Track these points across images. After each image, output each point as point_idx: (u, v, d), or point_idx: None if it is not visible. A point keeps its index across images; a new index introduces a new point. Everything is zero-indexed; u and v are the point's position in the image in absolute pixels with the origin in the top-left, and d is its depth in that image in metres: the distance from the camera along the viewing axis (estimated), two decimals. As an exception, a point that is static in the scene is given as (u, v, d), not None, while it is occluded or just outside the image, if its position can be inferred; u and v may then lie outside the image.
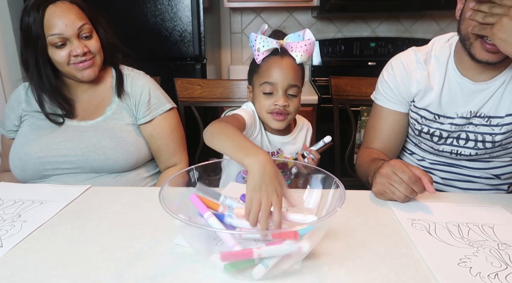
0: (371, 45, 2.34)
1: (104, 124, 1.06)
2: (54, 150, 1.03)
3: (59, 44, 0.98)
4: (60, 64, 1.01)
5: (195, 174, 0.70)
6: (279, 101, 0.95)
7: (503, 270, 0.57)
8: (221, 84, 1.40)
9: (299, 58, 0.95)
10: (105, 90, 1.11)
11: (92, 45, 1.02)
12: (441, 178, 1.04)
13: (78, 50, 0.98)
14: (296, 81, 0.97)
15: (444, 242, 0.65)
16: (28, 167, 1.03)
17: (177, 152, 1.14)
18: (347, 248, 0.63)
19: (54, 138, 1.04)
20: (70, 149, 1.03)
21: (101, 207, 0.79)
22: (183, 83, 1.40)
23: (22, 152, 1.03)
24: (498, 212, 0.77)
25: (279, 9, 2.35)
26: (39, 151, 1.03)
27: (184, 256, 0.62)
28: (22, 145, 1.05)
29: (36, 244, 0.66)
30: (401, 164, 0.77)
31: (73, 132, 1.05)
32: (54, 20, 0.96)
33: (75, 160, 1.02)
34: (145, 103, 1.10)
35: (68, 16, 0.97)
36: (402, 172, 0.75)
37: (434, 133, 0.98)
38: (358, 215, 0.75)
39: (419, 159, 1.07)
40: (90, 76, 1.04)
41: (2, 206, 0.80)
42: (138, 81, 1.12)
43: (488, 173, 1.00)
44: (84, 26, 1.00)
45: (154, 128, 1.10)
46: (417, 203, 0.80)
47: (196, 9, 1.72)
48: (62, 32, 0.97)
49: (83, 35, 1.00)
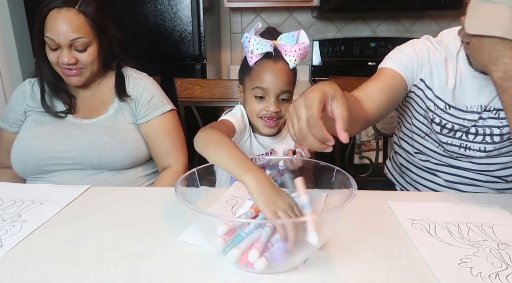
0: (371, 45, 2.34)
1: (105, 122, 1.08)
2: (56, 145, 1.04)
3: (52, 47, 1.00)
4: (52, 64, 1.04)
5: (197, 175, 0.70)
6: (271, 107, 0.94)
7: (503, 270, 0.57)
8: (221, 84, 1.40)
9: (293, 63, 0.93)
10: (107, 90, 1.12)
11: (83, 58, 1.02)
12: (445, 180, 1.03)
13: (65, 59, 1.00)
14: (288, 87, 0.96)
15: (444, 242, 0.65)
16: (29, 161, 1.04)
17: (172, 153, 1.13)
18: (347, 248, 0.63)
19: (57, 134, 1.06)
20: (71, 145, 1.04)
21: (101, 207, 0.79)
22: (183, 83, 1.40)
23: (25, 147, 1.05)
24: (497, 212, 0.77)
25: (279, 9, 2.36)
26: (41, 146, 1.04)
27: (184, 256, 0.62)
28: (25, 140, 1.06)
29: (36, 244, 0.66)
30: (317, 96, 0.58)
31: (75, 129, 1.07)
32: (51, 24, 0.98)
33: (75, 156, 1.04)
34: (145, 103, 1.11)
35: (63, 26, 0.98)
36: (308, 108, 0.58)
37: (445, 125, 0.96)
38: (358, 215, 0.75)
39: (423, 159, 1.06)
40: (75, 83, 1.06)
41: (2, 206, 0.80)
42: (140, 82, 1.13)
43: (493, 176, 0.99)
44: (78, 40, 0.99)
45: (150, 128, 1.11)
46: (417, 203, 0.80)
47: (196, 9, 1.72)
48: (54, 38, 0.99)
49: (76, 47, 1.01)
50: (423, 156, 1.06)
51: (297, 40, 0.94)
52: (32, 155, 1.04)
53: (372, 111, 0.91)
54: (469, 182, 1.01)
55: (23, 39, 1.90)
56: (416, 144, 1.06)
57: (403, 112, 1.10)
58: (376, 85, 0.94)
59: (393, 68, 0.96)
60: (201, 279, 0.56)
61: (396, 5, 2.11)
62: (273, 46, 0.93)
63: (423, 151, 1.05)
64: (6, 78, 1.86)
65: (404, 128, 1.10)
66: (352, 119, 0.67)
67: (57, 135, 1.06)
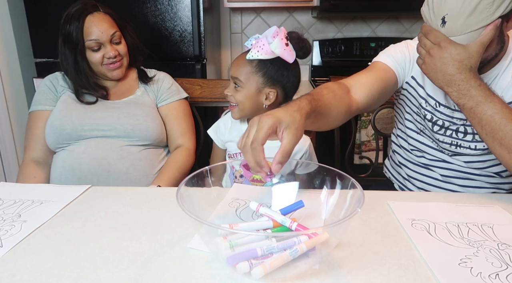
0: (371, 45, 2.34)
1: (135, 100, 1.25)
2: (93, 114, 1.18)
3: (95, 48, 1.17)
4: (94, 65, 1.20)
5: (209, 175, 0.69)
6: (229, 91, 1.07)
7: (503, 270, 0.57)
8: (221, 84, 1.40)
9: (250, 55, 1.00)
10: (131, 81, 1.30)
11: (121, 49, 1.22)
12: (441, 175, 1.04)
13: (111, 53, 1.18)
14: (237, 74, 1.03)
15: (444, 242, 0.65)
16: (67, 127, 1.15)
17: (185, 133, 1.29)
18: (347, 248, 0.63)
19: (92, 107, 1.20)
20: (107, 113, 1.19)
21: (101, 207, 0.79)
22: (183, 83, 1.40)
23: (63, 114, 1.17)
24: (497, 212, 0.77)
25: (279, 9, 2.36)
26: (79, 114, 1.17)
27: (184, 256, 0.62)
28: (62, 109, 1.19)
29: (36, 244, 0.66)
30: (268, 123, 0.63)
31: (109, 106, 1.22)
32: (92, 28, 1.15)
33: (111, 122, 1.17)
34: (166, 89, 1.29)
35: (103, 25, 1.17)
36: (257, 131, 0.63)
37: (436, 122, 0.98)
38: (358, 215, 0.74)
39: (419, 155, 1.07)
40: (119, 75, 1.24)
41: (2, 206, 0.80)
42: (160, 73, 1.34)
43: (488, 171, 0.99)
44: (115, 33, 1.19)
45: (170, 110, 1.28)
46: (417, 203, 0.80)
47: (196, 9, 1.72)
48: (98, 38, 1.16)
49: (114, 41, 1.20)
50: (418, 153, 1.08)
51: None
52: (70, 121, 1.16)
53: (363, 99, 0.94)
54: (465, 176, 1.02)
55: (23, 39, 1.90)
56: (411, 140, 1.08)
57: (398, 110, 1.13)
58: (369, 75, 0.98)
59: (385, 62, 1.01)
60: (202, 278, 0.56)
61: (396, 5, 2.11)
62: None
63: (418, 147, 1.07)
64: (6, 78, 1.86)
65: (400, 125, 1.13)
66: (331, 114, 0.83)
67: (93, 108, 1.20)
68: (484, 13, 0.77)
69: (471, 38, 0.80)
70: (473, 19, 0.78)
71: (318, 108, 0.77)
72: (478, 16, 0.77)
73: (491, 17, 0.77)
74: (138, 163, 1.18)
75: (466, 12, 0.77)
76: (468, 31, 0.79)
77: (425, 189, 1.07)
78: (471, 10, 0.77)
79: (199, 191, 0.67)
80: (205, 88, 1.41)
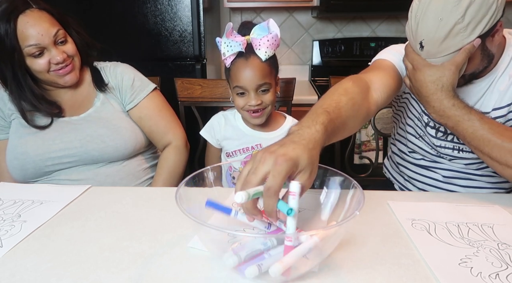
0: (371, 45, 2.33)
1: (95, 115, 1.07)
2: (51, 145, 1.02)
3: (36, 54, 0.96)
4: (40, 73, 0.99)
5: (210, 175, 0.69)
6: (252, 101, 1.00)
7: (503, 270, 0.57)
8: (221, 84, 1.40)
9: (264, 56, 0.97)
10: (87, 88, 1.11)
11: (68, 49, 1.01)
12: (443, 176, 1.04)
13: (58, 58, 0.98)
14: (265, 79, 0.99)
15: (444, 242, 0.65)
16: (28, 166, 1.02)
17: (169, 129, 1.15)
18: (347, 248, 0.63)
19: (48, 134, 1.03)
20: (67, 142, 1.03)
21: (101, 207, 0.79)
22: (183, 83, 1.40)
23: (19, 152, 1.02)
24: (497, 212, 0.77)
25: (279, 9, 2.35)
26: (36, 149, 1.01)
27: (184, 256, 0.62)
28: (16, 145, 1.03)
29: (36, 244, 0.66)
30: (286, 168, 0.53)
31: (66, 126, 1.05)
32: (28, 30, 0.93)
33: (74, 152, 1.02)
34: (128, 88, 1.11)
35: (41, 24, 0.95)
36: (273, 176, 0.53)
37: (439, 129, 0.98)
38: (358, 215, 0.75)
39: (418, 158, 1.07)
40: (73, 80, 1.04)
41: (2, 206, 0.80)
42: (116, 69, 1.13)
43: (489, 171, 0.99)
44: (58, 32, 0.98)
45: (141, 110, 1.12)
46: (417, 203, 0.80)
47: (196, 9, 1.72)
48: (39, 42, 0.95)
49: (59, 41, 0.99)
50: (417, 155, 1.07)
51: (268, 30, 0.97)
52: (29, 159, 1.01)
53: (384, 99, 0.91)
54: (466, 177, 1.01)
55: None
56: (410, 144, 1.08)
57: (398, 113, 1.12)
58: (383, 73, 0.94)
59: (389, 60, 0.99)
60: (202, 278, 0.56)
61: (396, 5, 2.10)
62: (245, 43, 0.97)
63: (417, 151, 1.07)
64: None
65: (399, 129, 1.12)
66: (347, 128, 0.76)
67: (49, 134, 1.03)
68: (459, 37, 0.78)
69: (448, 59, 0.81)
70: (448, 43, 0.79)
71: (335, 129, 0.69)
72: (453, 39, 0.78)
73: (467, 39, 0.78)
74: (121, 183, 1.06)
75: (441, 37, 0.78)
76: (446, 53, 0.80)
77: (426, 190, 1.07)
78: (445, 35, 0.78)
79: (199, 191, 0.67)
80: (205, 88, 1.40)
